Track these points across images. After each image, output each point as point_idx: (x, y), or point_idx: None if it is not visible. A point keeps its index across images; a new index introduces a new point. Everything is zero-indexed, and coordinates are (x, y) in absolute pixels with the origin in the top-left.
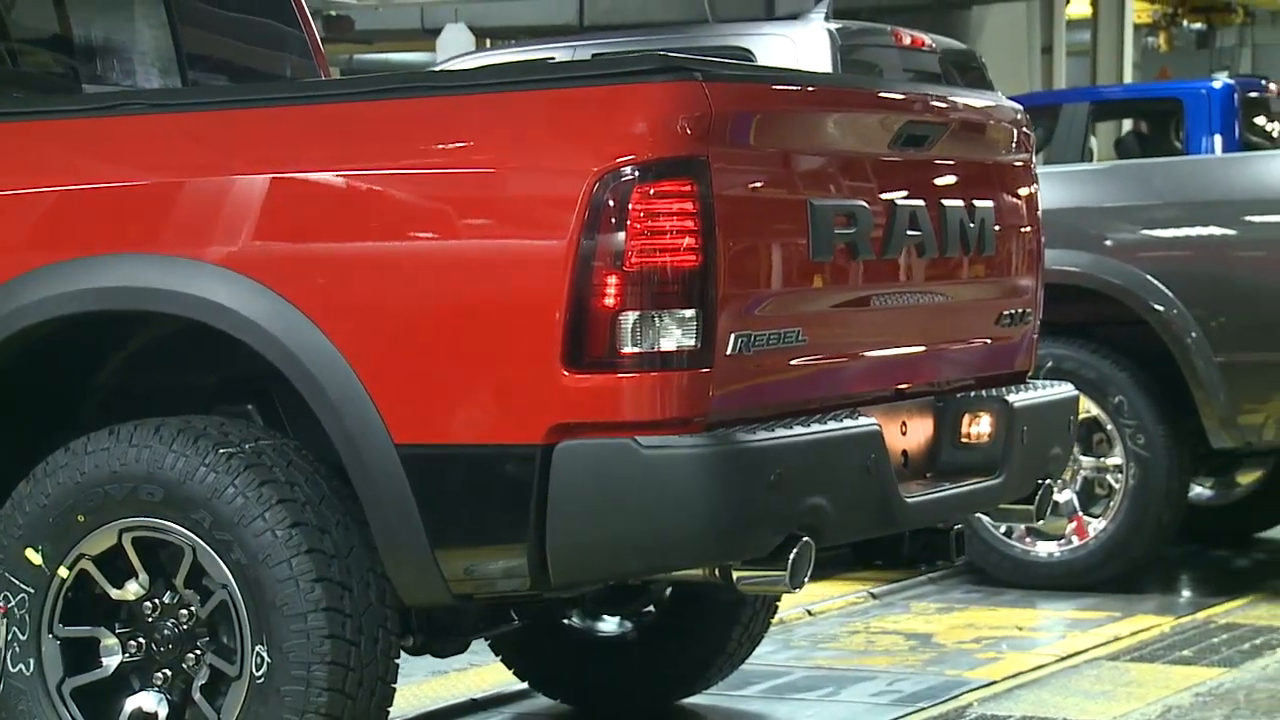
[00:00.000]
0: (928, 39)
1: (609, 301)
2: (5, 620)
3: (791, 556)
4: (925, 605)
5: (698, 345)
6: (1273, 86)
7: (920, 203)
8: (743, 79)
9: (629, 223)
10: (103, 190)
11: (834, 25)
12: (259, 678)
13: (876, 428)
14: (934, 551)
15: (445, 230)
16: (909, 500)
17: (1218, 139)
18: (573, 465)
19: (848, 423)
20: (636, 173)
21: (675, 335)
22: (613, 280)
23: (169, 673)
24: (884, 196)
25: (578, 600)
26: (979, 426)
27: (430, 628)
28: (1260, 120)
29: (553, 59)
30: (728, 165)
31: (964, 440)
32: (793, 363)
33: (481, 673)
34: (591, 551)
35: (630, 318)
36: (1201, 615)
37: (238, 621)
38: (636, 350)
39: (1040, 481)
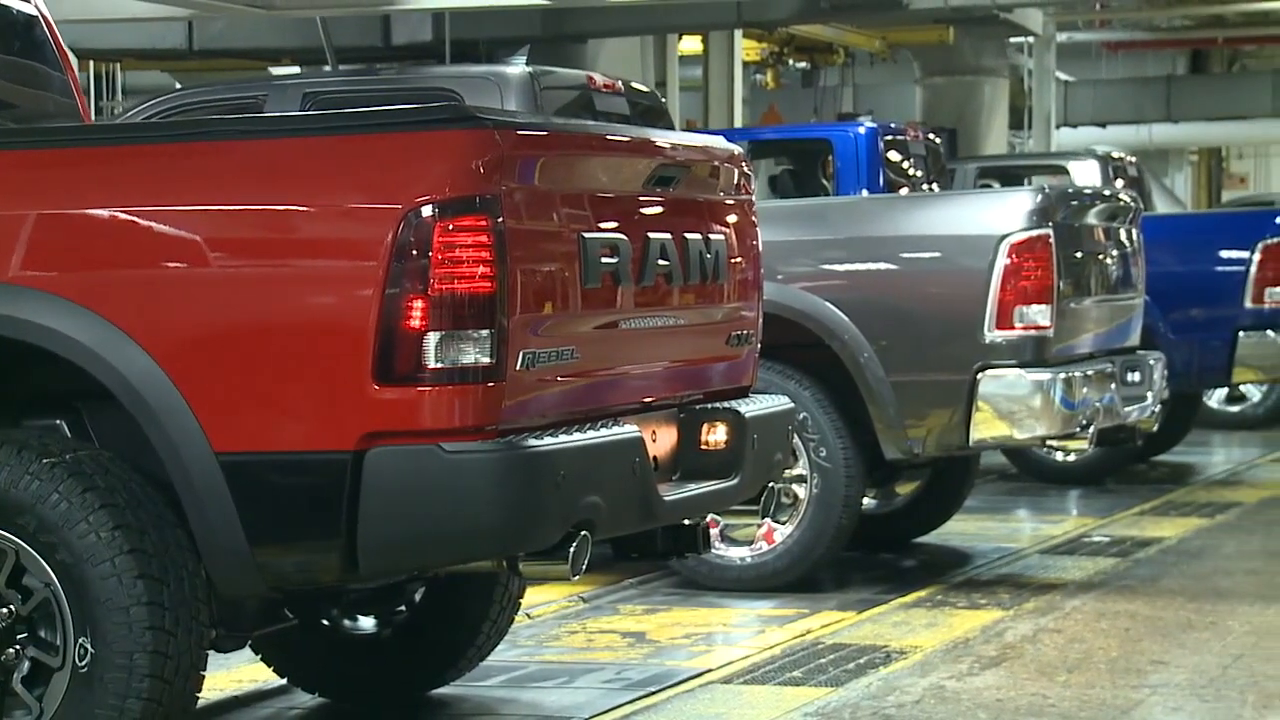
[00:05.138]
0: (618, 82)
1: (415, 323)
2: None
3: (572, 549)
4: (633, 607)
5: (492, 361)
6: (910, 129)
7: (668, 236)
8: (528, 126)
9: (431, 254)
10: None
11: (534, 69)
12: (82, 667)
13: (639, 434)
14: (683, 544)
15: (265, 261)
16: (666, 498)
17: (864, 177)
18: (382, 468)
19: (615, 430)
20: (438, 210)
21: (472, 353)
22: (418, 304)
23: None
24: (639, 231)
25: (340, 600)
26: (716, 435)
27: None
28: (896, 159)
29: (264, 96)
30: (516, 203)
31: (704, 447)
32: (568, 377)
33: (238, 671)
34: (398, 546)
35: (434, 338)
36: (810, 636)
37: (60, 617)
38: (439, 366)
39: (766, 485)
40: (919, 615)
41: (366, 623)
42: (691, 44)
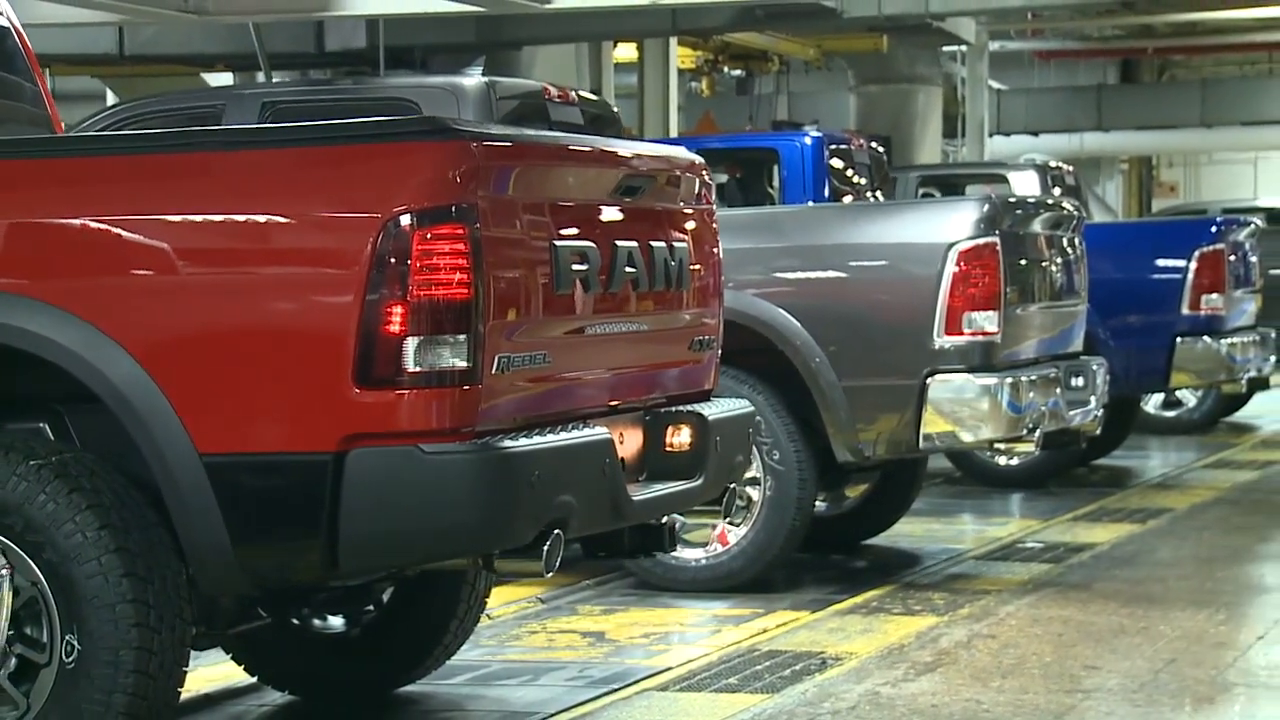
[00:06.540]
0: (571, 92)
1: (394, 328)
2: None
3: (546, 546)
4: (590, 608)
5: (468, 365)
6: (854, 138)
7: (634, 244)
8: (502, 139)
9: (410, 261)
10: None
11: (490, 80)
12: (69, 663)
13: (609, 436)
14: (650, 543)
15: (248, 268)
16: (634, 498)
17: (810, 187)
18: (363, 469)
19: (586, 431)
20: (416, 219)
21: (450, 357)
22: (398, 310)
23: None
24: (608, 239)
25: (311, 599)
26: (680, 437)
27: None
28: (841, 167)
29: (221, 105)
30: (492, 212)
31: (669, 449)
32: (540, 381)
33: (206, 671)
34: (377, 544)
35: (413, 342)
36: (747, 643)
37: (47, 614)
38: (418, 370)
39: (727, 486)
40: (855, 621)
41: (336, 622)
42: (627, 51)
